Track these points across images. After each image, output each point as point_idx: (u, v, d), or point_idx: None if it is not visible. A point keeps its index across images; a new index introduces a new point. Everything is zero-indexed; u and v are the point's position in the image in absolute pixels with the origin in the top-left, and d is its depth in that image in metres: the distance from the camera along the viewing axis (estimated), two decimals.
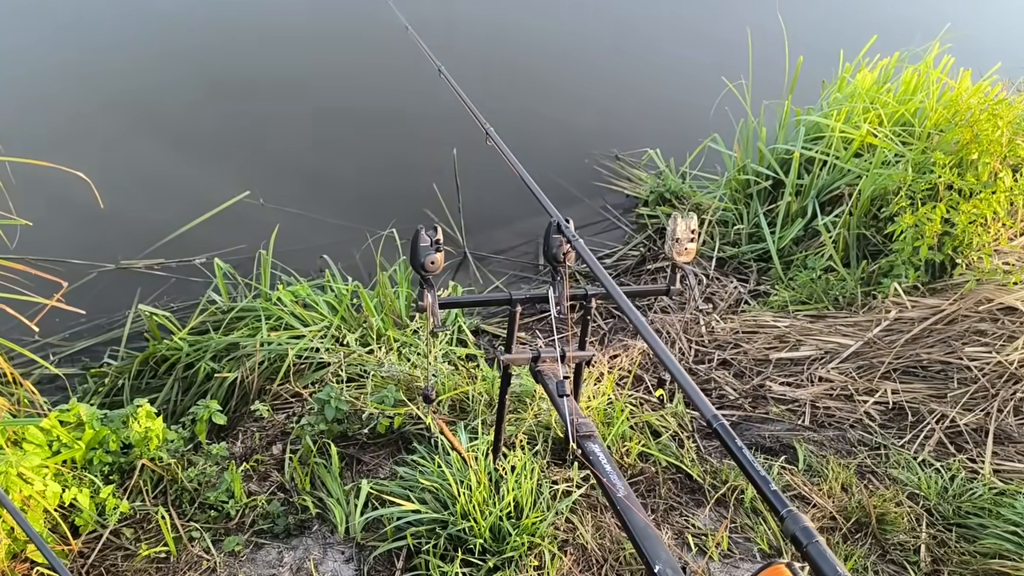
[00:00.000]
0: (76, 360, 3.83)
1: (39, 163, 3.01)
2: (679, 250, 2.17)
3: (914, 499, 2.84)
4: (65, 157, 4.92)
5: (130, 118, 5.42)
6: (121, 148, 5.16)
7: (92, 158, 4.97)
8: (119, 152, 5.11)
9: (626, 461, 2.82)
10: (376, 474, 2.76)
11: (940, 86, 4.71)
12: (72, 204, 4.28)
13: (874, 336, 3.65)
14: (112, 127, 5.32)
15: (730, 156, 4.99)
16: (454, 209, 4.78)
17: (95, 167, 4.85)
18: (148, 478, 2.58)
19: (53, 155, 4.96)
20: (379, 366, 3.09)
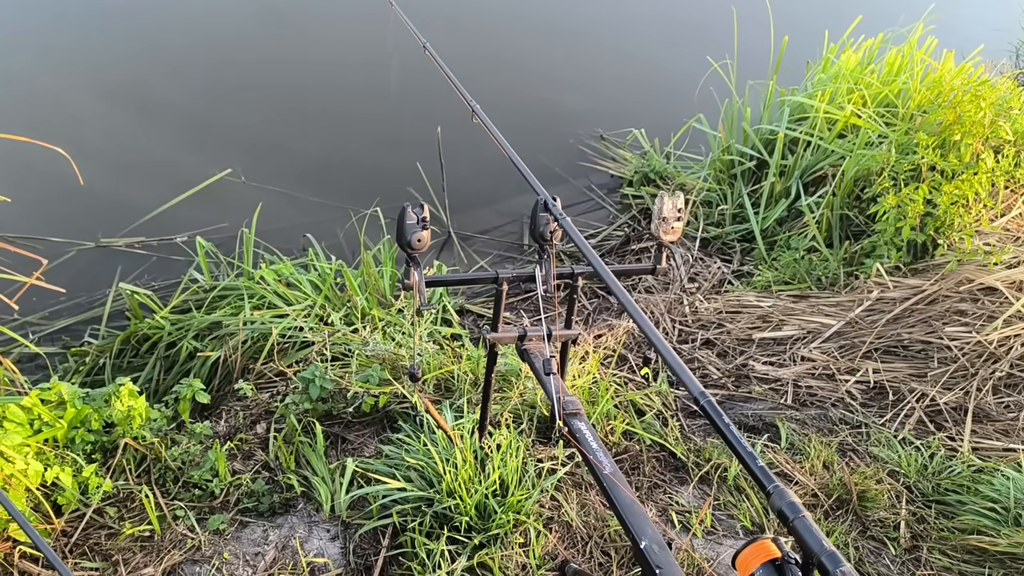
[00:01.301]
0: (56, 339, 3.79)
1: (16, 138, 2.96)
2: (665, 229, 2.17)
3: (894, 476, 2.88)
4: (42, 133, 4.87)
5: (110, 94, 5.34)
6: (101, 124, 5.08)
7: (71, 134, 4.91)
8: (98, 129, 5.04)
9: (611, 439, 2.83)
10: (361, 452, 2.76)
11: (923, 67, 4.73)
12: (50, 181, 4.22)
13: (856, 316, 3.67)
14: (91, 103, 5.24)
15: (715, 136, 5.00)
16: (438, 188, 4.75)
17: (74, 143, 4.80)
18: (131, 457, 2.56)
19: (30, 131, 4.90)
20: (364, 345, 3.08)
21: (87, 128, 5.02)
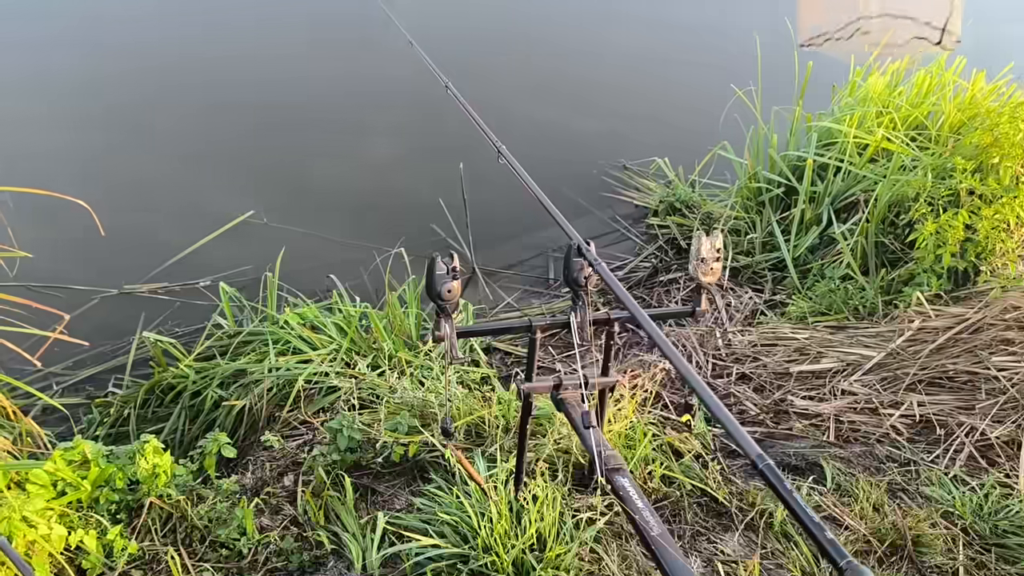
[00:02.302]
0: (80, 390, 3.75)
1: (35, 191, 2.93)
2: (704, 270, 2.09)
3: (948, 518, 2.74)
4: (66, 179, 4.88)
5: (132, 140, 5.36)
6: (124, 170, 5.09)
7: (94, 181, 4.92)
8: (122, 174, 5.05)
9: (649, 485, 2.72)
10: (392, 505, 2.67)
11: (953, 87, 4.63)
12: (74, 229, 4.20)
13: (897, 347, 3.55)
14: (114, 149, 5.26)
15: (741, 164, 4.92)
16: (462, 224, 4.70)
17: (97, 190, 4.82)
18: (157, 516, 2.49)
19: (54, 176, 4.91)
20: (392, 392, 3.00)
21: (108, 172, 5.02)
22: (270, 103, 5.85)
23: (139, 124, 5.53)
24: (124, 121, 5.55)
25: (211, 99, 5.81)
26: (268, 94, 5.93)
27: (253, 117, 5.71)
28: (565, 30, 7.27)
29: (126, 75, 6.07)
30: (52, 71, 6.08)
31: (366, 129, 5.68)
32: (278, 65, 6.30)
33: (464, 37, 6.78)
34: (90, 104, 5.72)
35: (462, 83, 3.05)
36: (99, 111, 5.65)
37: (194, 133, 5.47)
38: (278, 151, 5.41)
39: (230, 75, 6.14)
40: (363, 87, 6.08)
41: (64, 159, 5.12)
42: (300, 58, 6.41)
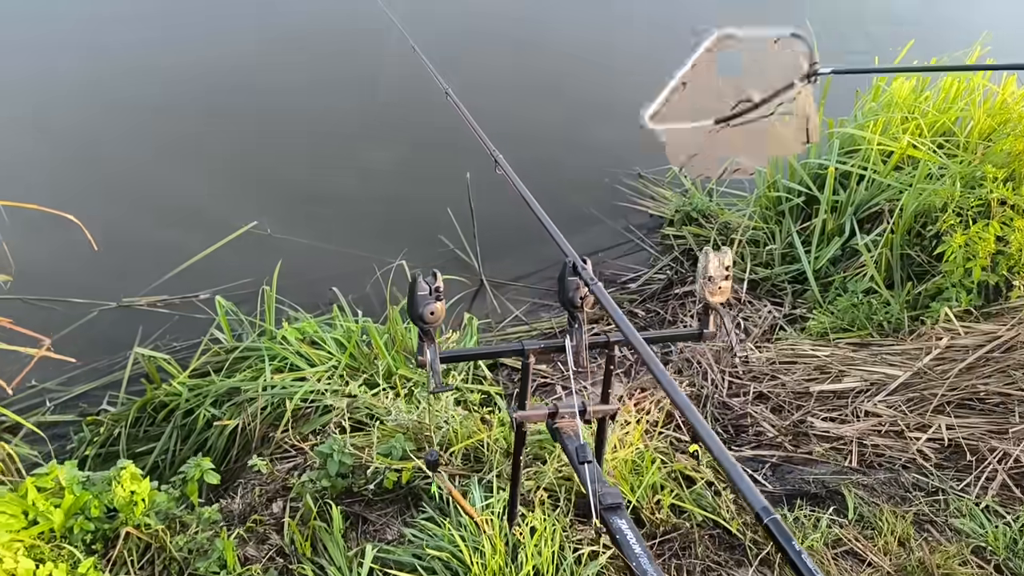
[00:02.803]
0: (73, 406, 3.64)
1: (24, 206, 2.83)
2: (712, 289, 1.92)
3: (980, 554, 2.55)
4: (65, 189, 4.80)
5: (132, 149, 5.27)
6: (124, 180, 5.00)
7: (93, 191, 4.84)
8: (122, 184, 4.96)
9: (657, 516, 2.56)
10: (383, 534, 2.53)
11: (982, 92, 4.43)
12: (72, 240, 4.11)
13: (924, 366, 3.36)
14: (114, 159, 5.17)
15: (760, 172, 4.73)
16: (469, 234, 4.56)
17: (96, 199, 4.75)
18: (134, 547, 2.36)
19: (50, 185, 4.83)
20: (386, 414, 2.86)
21: (111, 185, 4.94)
22: (273, 111, 5.75)
23: (138, 131, 5.45)
24: (123, 128, 5.47)
25: (213, 107, 5.72)
26: (271, 102, 5.83)
27: (256, 128, 5.60)
28: (575, 32, 7.12)
29: (124, 80, 6.00)
30: (49, 75, 6.02)
31: (372, 138, 5.56)
32: (280, 71, 6.20)
33: (471, 39, 6.66)
34: (88, 111, 5.65)
35: (468, 86, 2.92)
36: (98, 118, 5.58)
37: (196, 142, 5.37)
38: (282, 160, 5.30)
39: (232, 81, 6.05)
40: (367, 94, 5.96)
41: (60, 168, 5.05)
42: (303, 64, 6.30)
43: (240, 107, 5.77)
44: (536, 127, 5.70)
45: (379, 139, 5.55)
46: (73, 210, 4.50)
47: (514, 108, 5.85)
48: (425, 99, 3.44)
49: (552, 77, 6.37)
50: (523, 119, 5.76)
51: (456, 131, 2.74)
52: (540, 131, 5.67)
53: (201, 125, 5.57)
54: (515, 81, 6.23)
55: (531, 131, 5.63)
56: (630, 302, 4.37)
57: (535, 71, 6.42)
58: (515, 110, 5.82)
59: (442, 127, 5.08)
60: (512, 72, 6.35)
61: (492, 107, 5.61)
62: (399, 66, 4.39)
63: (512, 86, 6.14)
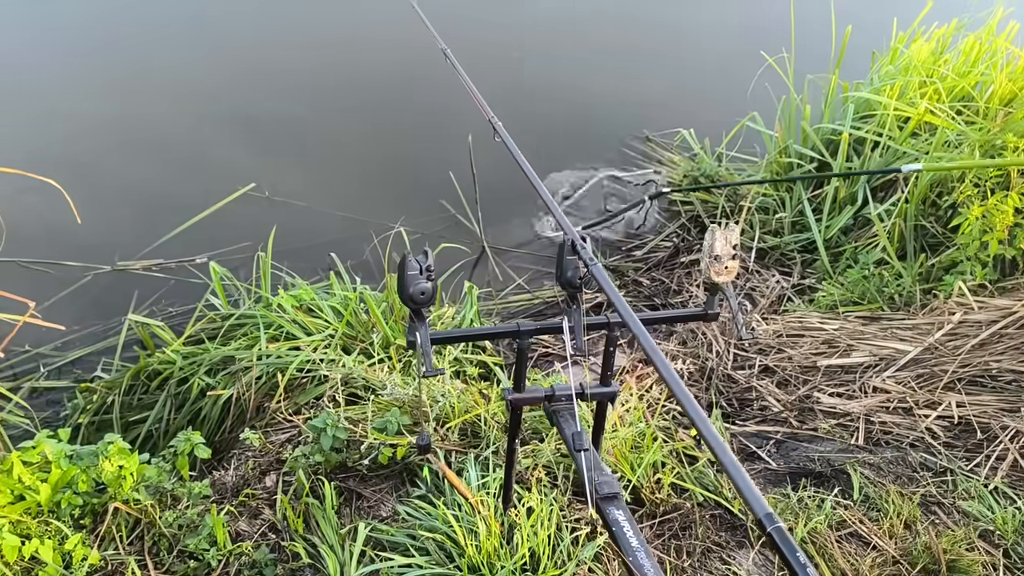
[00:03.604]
0: (67, 372, 3.60)
1: (6, 170, 2.74)
2: (718, 269, 1.83)
3: (988, 538, 2.49)
4: (61, 152, 4.70)
5: (132, 110, 5.15)
6: (122, 141, 4.89)
7: (89, 153, 4.73)
8: (119, 146, 4.85)
9: (658, 496, 2.50)
10: (378, 511, 2.48)
11: (1004, 55, 4.27)
12: (65, 203, 4.03)
13: (936, 341, 3.27)
14: (112, 120, 5.06)
15: (771, 136, 4.60)
16: (471, 199, 4.45)
17: (92, 162, 4.65)
18: (123, 522, 2.32)
19: (45, 146, 4.73)
20: (382, 387, 2.79)
21: (109, 146, 4.83)
22: (272, 69, 5.60)
23: (135, 89, 5.32)
24: (118, 86, 5.34)
25: (218, 74, 5.57)
26: (270, 60, 5.68)
27: (256, 89, 5.46)
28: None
29: (121, 37, 5.85)
30: (47, 29, 5.88)
31: (373, 99, 5.43)
32: (278, 29, 6.04)
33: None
34: (85, 67, 5.52)
35: (471, 46, 2.79)
36: (93, 74, 5.45)
37: (199, 107, 5.24)
38: (281, 122, 5.17)
39: (231, 38, 5.90)
40: (371, 55, 5.80)
41: (54, 127, 4.94)
42: (304, 26, 6.13)
43: (238, 68, 5.62)
44: (542, 86, 5.56)
45: (381, 100, 5.41)
46: (67, 171, 4.42)
47: (517, 66, 5.70)
48: (428, 59, 3.33)
49: (558, 36, 6.19)
50: (526, 77, 5.61)
51: (459, 91, 2.64)
52: (546, 90, 5.52)
53: (200, 85, 5.44)
54: (519, 40, 6.05)
55: (536, 90, 5.50)
56: (635, 270, 4.28)
57: (540, 30, 6.24)
58: (518, 68, 5.67)
59: (445, 87, 4.96)
60: (516, 31, 6.17)
61: (495, 68, 5.49)
62: (399, 25, 4.24)
63: (516, 45, 5.97)
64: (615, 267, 4.29)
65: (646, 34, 6.35)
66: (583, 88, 5.65)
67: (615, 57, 6.01)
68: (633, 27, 6.44)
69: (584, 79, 5.74)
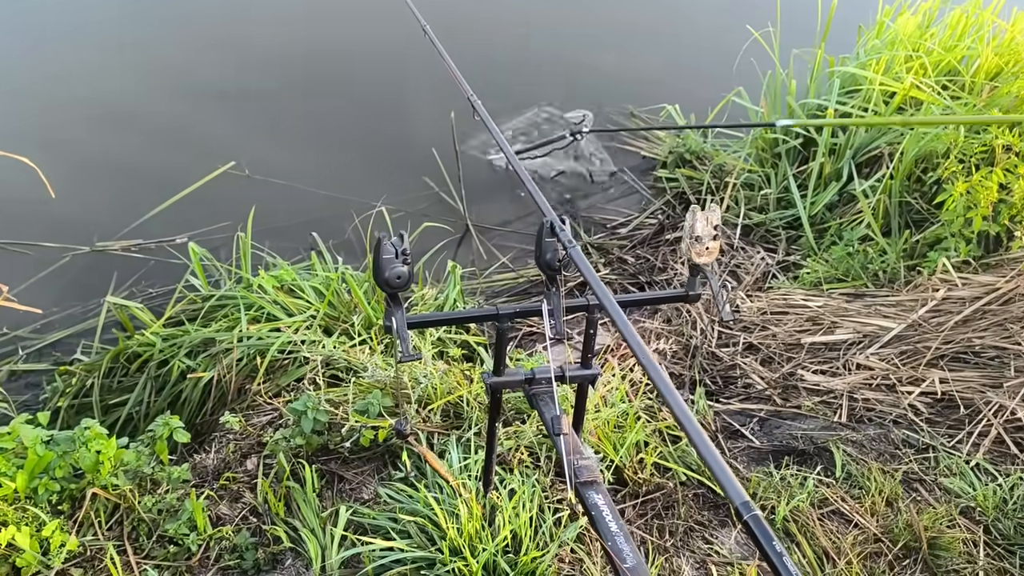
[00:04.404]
0: (47, 355, 3.55)
1: None
2: (699, 250, 1.81)
3: (969, 514, 2.50)
4: (37, 132, 4.62)
5: (108, 87, 5.06)
6: (98, 119, 4.81)
7: (65, 132, 4.65)
8: (95, 124, 4.76)
9: (640, 476, 2.49)
10: (360, 493, 2.47)
11: (991, 29, 4.24)
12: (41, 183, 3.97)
13: (919, 318, 3.27)
14: (88, 97, 4.97)
15: (756, 112, 4.57)
16: (455, 177, 4.41)
17: (68, 141, 4.57)
18: (101, 507, 2.30)
19: (24, 126, 4.65)
20: (363, 369, 2.77)
21: (84, 124, 4.74)
22: (250, 44, 5.50)
23: (109, 66, 5.21)
24: (96, 64, 5.24)
25: (199, 49, 5.46)
26: (247, 35, 5.57)
27: (236, 66, 5.36)
28: None
29: (97, 14, 5.73)
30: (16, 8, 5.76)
31: (355, 75, 5.35)
32: (254, 2, 5.92)
33: None
34: (63, 42, 5.41)
35: (452, 19, 2.74)
36: (71, 48, 5.34)
37: (174, 84, 5.14)
38: (261, 99, 5.09)
39: (215, 22, 5.78)
40: (351, 28, 5.72)
41: (27, 105, 4.85)
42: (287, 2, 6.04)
43: (215, 43, 5.52)
44: (523, 61, 5.49)
45: (362, 75, 5.34)
46: (43, 150, 4.34)
47: (500, 40, 5.63)
48: (410, 34, 3.27)
49: (539, 9, 6.11)
50: (509, 51, 5.55)
51: (443, 67, 2.60)
52: (528, 65, 5.46)
53: (176, 61, 5.34)
54: (501, 13, 5.97)
55: (518, 65, 5.43)
56: (620, 248, 4.26)
57: (528, 9, 6.15)
58: (501, 42, 5.60)
59: (429, 62, 4.90)
60: (502, 8, 6.08)
61: (477, 39, 5.42)
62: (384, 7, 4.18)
63: (497, 19, 5.89)
64: (600, 245, 4.27)
65: (634, 8, 6.28)
66: (563, 59, 5.59)
67: (597, 30, 5.94)
68: (616, 4, 6.37)
69: (564, 51, 5.67)
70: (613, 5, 6.32)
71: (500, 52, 5.51)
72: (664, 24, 6.10)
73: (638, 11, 6.25)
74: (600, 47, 5.77)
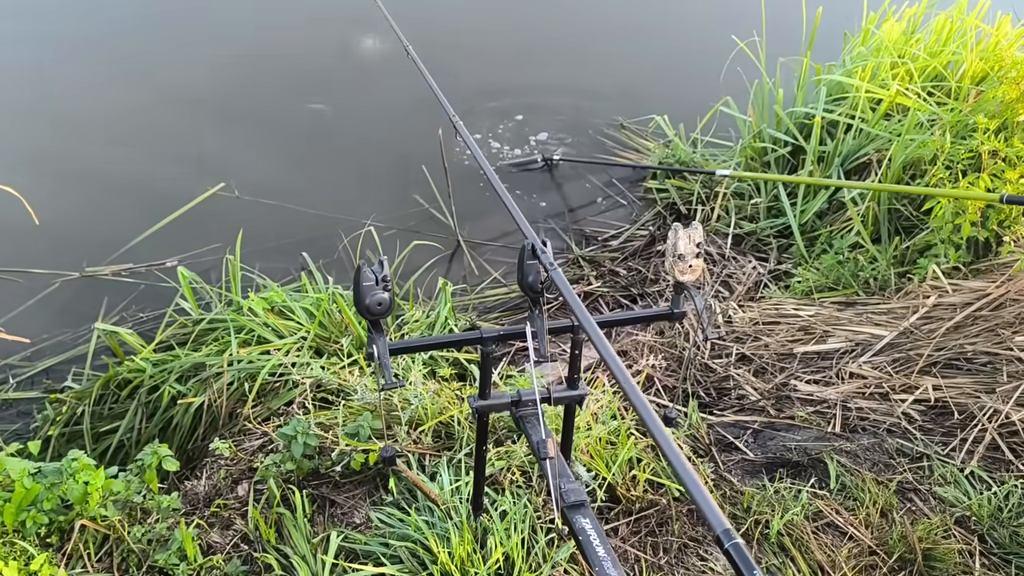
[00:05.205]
0: (38, 382, 3.54)
1: None
2: (682, 268, 1.81)
3: (964, 524, 2.49)
4: (22, 152, 4.62)
5: (99, 108, 5.06)
6: (87, 142, 4.81)
7: (53, 156, 4.65)
8: (84, 147, 4.76)
9: (633, 493, 2.48)
10: (351, 518, 2.45)
11: (975, 34, 4.25)
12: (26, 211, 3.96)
13: (911, 325, 3.27)
14: (78, 120, 4.97)
15: (744, 121, 4.57)
16: (445, 193, 4.41)
17: (55, 165, 4.56)
18: (91, 538, 2.28)
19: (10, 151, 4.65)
20: (353, 392, 2.76)
21: (74, 148, 4.74)
22: (239, 68, 5.50)
23: (100, 88, 5.21)
24: (82, 86, 5.24)
25: (181, 70, 5.45)
26: (237, 60, 5.57)
27: (220, 87, 5.35)
28: None
29: (83, 35, 5.73)
30: None
31: (344, 93, 5.36)
32: (247, 32, 5.92)
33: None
34: (48, 63, 5.41)
35: (438, 33, 2.74)
36: (57, 73, 5.34)
37: (160, 106, 5.12)
38: (251, 120, 5.09)
39: (203, 41, 5.79)
40: (340, 50, 5.72)
41: (14, 131, 4.84)
42: (272, 24, 6.01)
43: (206, 65, 5.52)
44: (512, 75, 5.50)
45: (351, 94, 5.34)
46: (29, 174, 4.34)
47: (487, 54, 5.64)
48: (397, 52, 3.27)
49: (527, 22, 6.11)
50: (497, 66, 5.56)
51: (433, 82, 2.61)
52: (517, 79, 5.47)
53: (164, 83, 5.34)
54: (488, 26, 5.98)
55: (506, 79, 5.44)
56: (611, 260, 4.25)
57: (508, 16, 6.16)
58: (488, 56, 5.61)
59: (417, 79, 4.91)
60: (484, 17, 6.09)
61: (464, 53, 5.43)
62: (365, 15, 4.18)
63: (484, 32, 5.90)
64: (591, 257, 4.26)
65: (616, 19, 6.29)
66: (552, 72, 5.60)
67: (585, 42, 5.94)
68: (602, 11, 6.37)
69: (553, 64, 5.69)
70: (592, 17, 6.32)
71: (488, 63, 5.53)
72: (649, 34, 6.10)
73: (623, 21, 6.25)
74: (581, 62, 5.76)
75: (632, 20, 6.23)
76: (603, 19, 6.25)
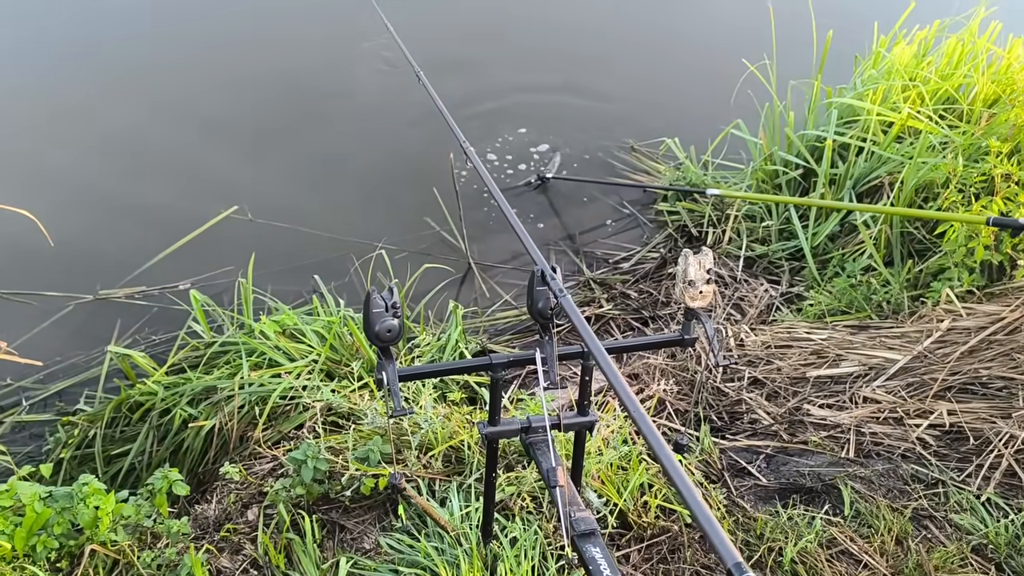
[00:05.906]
0: (51, 405, 3.56)
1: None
2: (692, 294, 1.80)
3: (981, 552, 2.45)
4: (37, 177, 4.67)
5: (114, 130, 5.11)
6: (102, 164, 4.85)
7: (67, 179, 4.70)
8: (98, 169, 4.81)
9: (644, 519, 2.46)
10: (361, 543, 2.44)
11: (987, 56, 4.25)
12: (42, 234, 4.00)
13: (925, 349, 3.24)
14: (93, 142, 5.02)
15: (755, 144, 4.57)
16: (456, 216, 4.42)
17: (69, 187, 4.61)
18: (101, 563, 2.28)
19: (25, 174, 4.70)
20: (363, 416, 2.76)
21: (87, 172, 4.79)
22: (254, 91, 5.55)
23: (112, 113, 5.27)
24: (95, 110, 5.29)
25: (193, 93, 5.51)
26: (252, 83, 5.62)
27: (234, 111, 5.39)
28: (563, 4, 6.85)
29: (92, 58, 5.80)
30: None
31: (356, 116, 5.39)
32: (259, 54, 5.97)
33: (453, 6, 6.45)
34: (60, 91, 5.47)
35: (448, 59, 2.77)
36: (68, 97, 5.40)
37: (174, 130, 5.17)
38: (262, 144, 5.13)
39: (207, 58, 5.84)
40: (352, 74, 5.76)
41: (28, 153, 4.89)
42: (283, 45, 6.06)
43: (221, 88, 5.58)
44: (525, 99, 5.53)
45: (363, 117, 5.38)
46: (46, 198, 4.39)
47: (499, 79, 5.67)
48: (409, 75, 3.30)
49: (539, 48, 6.15)
50: (510, 91, 5.59)
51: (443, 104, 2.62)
52: (530, 103, 5.50)
53: (179, 107, 5.40)
54: (499, 52, 6.02)
55: (520, 103, 5.47)
56: (623, 283, 4.24)
57: (521, 42, 6.19)
58: (501, 81, 5.64)
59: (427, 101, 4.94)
60: (495, 44, 6.13)
61: (475, 78, 5.47)
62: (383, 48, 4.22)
63: (496, 57, 5.94)
64: (602, 280, 4.26)
65: (627, 43, 6.32)
66: (563, 96, 5.62)
67: (596, 66, 5.97)
68: (612, 37, 6.40)
69: (564, 88, 5.71)
70: (603, 42, 6.35)
71: (494, 80, 5.57)
72: (660, 56, 6.12)
73: (635, 41, 6.28)
74: (592, 85, 5.78)
75: (643, 43, 6.26)
76: (612, 42, 6.28)
